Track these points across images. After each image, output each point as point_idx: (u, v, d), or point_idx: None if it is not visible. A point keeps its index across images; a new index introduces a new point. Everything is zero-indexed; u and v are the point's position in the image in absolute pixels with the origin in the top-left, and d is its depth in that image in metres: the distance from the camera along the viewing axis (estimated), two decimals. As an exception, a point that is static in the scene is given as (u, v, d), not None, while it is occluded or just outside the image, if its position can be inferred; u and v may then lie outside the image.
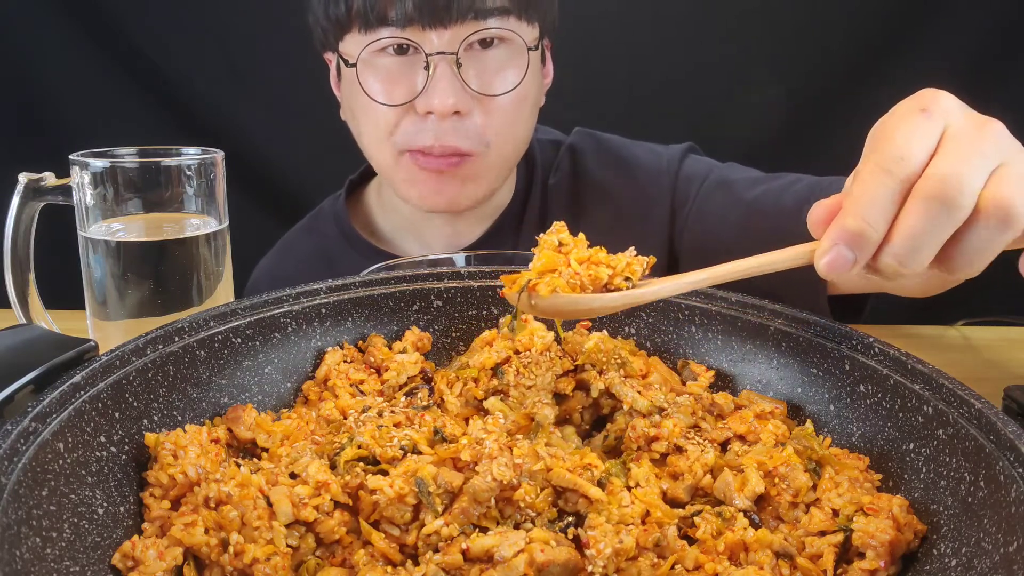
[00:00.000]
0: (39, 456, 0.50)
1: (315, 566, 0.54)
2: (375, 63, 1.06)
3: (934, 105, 0.58)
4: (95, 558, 0.50)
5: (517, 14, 1.06)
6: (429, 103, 1.03)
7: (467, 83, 1.04)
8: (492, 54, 1.07)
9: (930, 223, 0.54)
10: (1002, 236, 0.55)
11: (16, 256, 0.86)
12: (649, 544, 0.54)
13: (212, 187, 0.88)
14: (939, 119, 0.57)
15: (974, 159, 0.54)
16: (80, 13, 1.92)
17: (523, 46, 1.07)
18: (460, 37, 1.03)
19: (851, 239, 0.55)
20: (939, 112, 0.57)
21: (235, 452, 0.63)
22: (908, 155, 0.55)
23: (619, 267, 0.62)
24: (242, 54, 1.97)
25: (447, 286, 0.78)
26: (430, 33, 1.02)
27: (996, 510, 0.50)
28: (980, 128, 0.57)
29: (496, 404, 0.68)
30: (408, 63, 1.05)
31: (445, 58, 1.03)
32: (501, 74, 1.07)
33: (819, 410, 0.68)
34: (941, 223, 0.54)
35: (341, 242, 1.28)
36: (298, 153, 2.04)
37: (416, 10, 1.00)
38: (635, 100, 1.94)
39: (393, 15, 1.01)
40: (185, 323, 0.65)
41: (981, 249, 0.56)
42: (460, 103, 1.04)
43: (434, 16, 1.01)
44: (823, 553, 0.54)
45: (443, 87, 1.02)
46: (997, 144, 0.56)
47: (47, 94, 1.96)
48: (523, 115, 1.12)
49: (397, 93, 1.06)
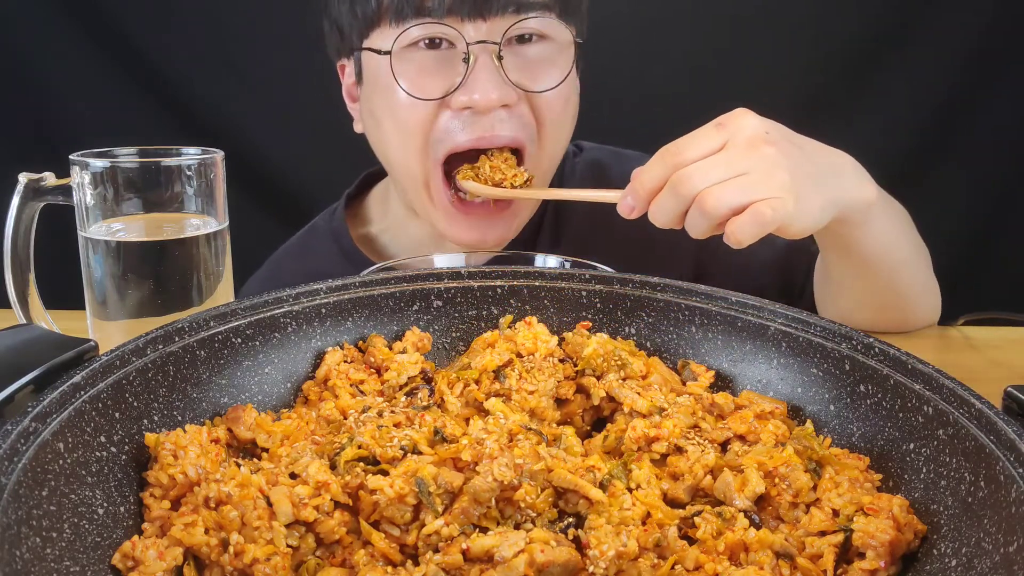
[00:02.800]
0: (39, 456, 0.50)
1: (315, 566, 0.54)
2: (406, 57, 1.01)
3: (729, 121, 0.80)
4: (95, 558, 0.50)
5: (558, 11, 1.03)
6: (469, 97, 0.98)
7: (508, 77, 0.99)
8: (533, 50, 1.03)
9: (668, 200, 0.79)
10: (703, 220, 0.77)
11: (16, 256, 0.86)
12: (649, 544, 0.54)
13: (212, 187, 0.87)
14: (726, 133, 0.79)
15: (717, 167, 0.77)
16: (80, 13, 1.92)
17: (564, 44, 1.04)
18: (499, 29, 0.98)
19: (632, 194, 0.82)
20: (730, 127, 0.79)
21: (235, 452, 0.63)
22: (682, 151, 0.79)
23: (508, 175, 1.01)
24: (242, 54, 1.97)
25: (447, 286, 0.78)
26: (467, 24, 0.98)
27: (996, 510, 0.50)
28: (749, 147, 0.78)
29: (497, 404, 0.68)
30: (442, 57, 1.00)
31: (486, 48, 0.98)
32: (545, 70, 1.03)
33: (819, 410, 0.68)
34: (674, 202, 0.79)
35: (340, 261, 1.20)
36: (298, 153, 2.04)
37: (456, 1, 0.96)
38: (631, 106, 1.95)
39: (431, 4, 0.97)
40: (185, 323, 0.65)
41: (693, 223, 0.79)
42: (504, 96, 0.98)
43: (474, 6, 0.97)
44: (823, 553, 0.54)
45: (484, 79, 0.97)
46: (751, 160, 0.78)
47: (47, 94, 1.96)
48: (568, 117, 1.08)
49: (431, 87, 1.00)
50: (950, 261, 1.96)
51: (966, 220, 2.07)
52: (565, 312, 0.78)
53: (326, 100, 1.24)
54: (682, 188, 0.78)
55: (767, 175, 0.77)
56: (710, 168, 0.78)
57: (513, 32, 0.99)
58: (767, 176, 0.77)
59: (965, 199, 2.05)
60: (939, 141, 2.03)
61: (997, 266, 2.07)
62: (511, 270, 0.80)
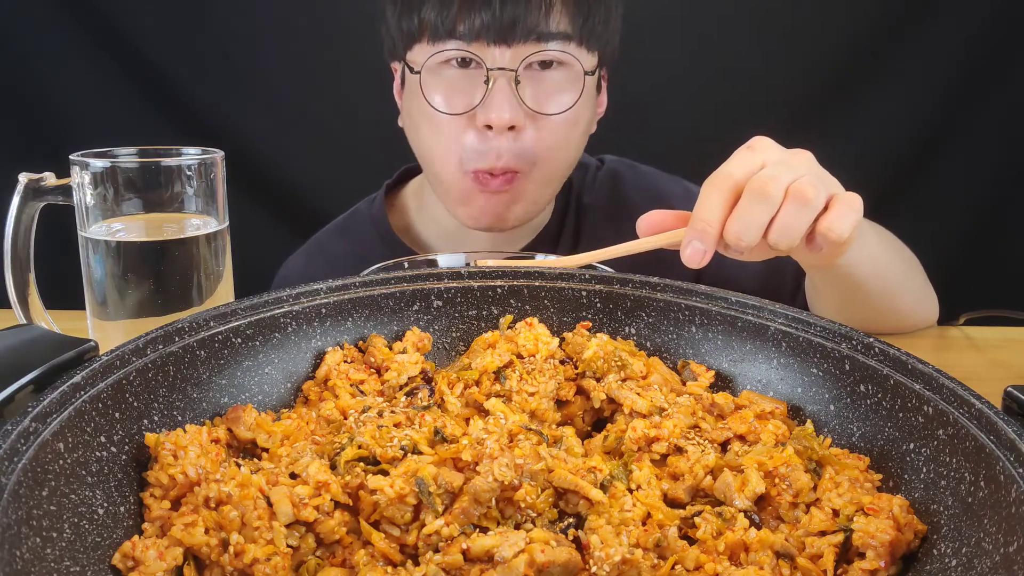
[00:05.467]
0: (39, 456, 0.50)
1: (315, 566, 0.54)
2: (440, 73, 1.11)
3: (758, 144, 0.80)
4: (95, 558, 0.50)
5: (578, 40, 1.11)
6: (487, 116, 1.08)
7: (523, 100, 1.09)
8: (550, 76, 1.11)
9: (754, 208, 0.74)
10: (804, 214, 0.75)
11: (16, 256, 0.86)
12: (650, 545, 0.54)
13: (212, 187, 0.87)
14: (760, 154, 0.79)
15: (783, 169, 0.76)
16: (80, 13, 1.92)
17: (581, 71, 1.11)
18: (521, 56, 1.07)
19: (699, 235, 0.75)
20: (761, 149, 0.79)
21: (235, 452, 0.63)
22: (733, 173, 0.77)
23: None
24: (242, 54, 1.97)
25: (447, 286, 0.78)
26: (493, 49, 1.07)
27: (996, 510, 0.50)
28: (791, 154, 0.80)
29: (497, 405, 0.68)
30: (470, 76, 1.09)
31: (505, 74, 1.08)
32: (557, 95, 1.11)
33: (819, 410, 0.68)
34: (761, 207, 0.74)
35: (378, 245, 1.29)
36: (298, 153, 2.04)
37: (483, 27, 1.06)
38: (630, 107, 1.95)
39: (462, 29, 1.07)
40: (185, 323, 0.65)
41: (790, 224, 0.75)
42: (515, 118, 1.08)
43: (499, 34, 1.07)
44: (823, 553, 0.54)
45: (499, 100, 1.07)
46: (802, 163, 0.80)
47: (47, 94, 1.96)
48: (573, 137, 1.16)
49: (457, 102, 1.10)
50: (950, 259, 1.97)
51: (966, 218, 2.07)
52: (565, 312, 0.78)
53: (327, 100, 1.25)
54: (771, 187, 0.74)
55: (823, 174, 0.79)
56: (780, 170, 0.76)
57: (533, 59, 1.09)
58: (824, 174, 0.79)
59: (965, 197, 2.05)
60: (939, 140, 2.03)
61: (998, 264, 2.07)
62: (511, 270, 0.80)
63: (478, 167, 1.11)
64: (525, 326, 0.76)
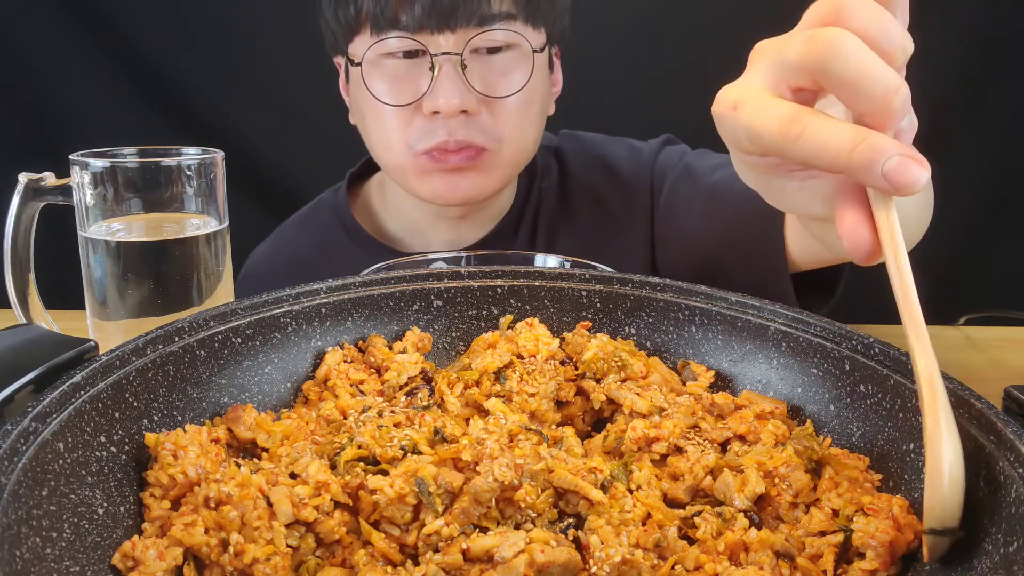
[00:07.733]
0: (39, 456, 0.50)
1: (315, 566, 0.54)
2: (382, 65, 1.09)
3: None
4: (95, 558, 0.50)
5: (523, 18, 1.09)
6: (434, 103, 1.05)
7: (472, 84, 1.06)
8: (498, 58, 1.09)
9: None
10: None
11: (16, 256, 0.86)
12: (650, 545, 0.54)
13: (212, 187, 0.87)
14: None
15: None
16: (80, 13, 1.91)
17: (529, 50, 1.09)
18: (465, 39, 1.05)
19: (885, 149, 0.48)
20: None
21: (235, 452, 0.63)
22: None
23: None
24: (242, 54, 1.97)
25: (447, 286, 0.78)
26: (438, 37, 1.05)
27: (996, 510, 0.50)
28: None
29: (497, 404, 0.68)
30: (414, 65, 1.07)
31: (449, 59, 1.05)
32: (506, 76, 1.09)
33: (819, 410, 0.68)
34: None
35: (341, 235, 1.28)
36: (298, 152, 2.04)
37: (425, 15, 1.03)
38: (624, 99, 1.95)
39: (404, 19, 1.04)
40: (185, 323, 0.65)
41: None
42: (465, 103, 1.05)
43: (441, 19, 1.04)
44: (823, 553, 0.54)
45: (447, 87, 1.05)
46: None
47: (47, 95, 1.96)
48: (530, 118, 1.14)
49: (403, 94, 1.08)
50: (950, 259, 1.97)
51: (966, 217, 2.07)
52: (565, 312, 0.78)
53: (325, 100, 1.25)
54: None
55: None
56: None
57: (477, 43, 1.06)
58: None
59: (965, 196, 2.05)
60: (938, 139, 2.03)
61: (998, 264, 2.07)
62: (511, 270, 0.80)
63: (427, 146, 1.08)
64: (525, 326, 0.76)
